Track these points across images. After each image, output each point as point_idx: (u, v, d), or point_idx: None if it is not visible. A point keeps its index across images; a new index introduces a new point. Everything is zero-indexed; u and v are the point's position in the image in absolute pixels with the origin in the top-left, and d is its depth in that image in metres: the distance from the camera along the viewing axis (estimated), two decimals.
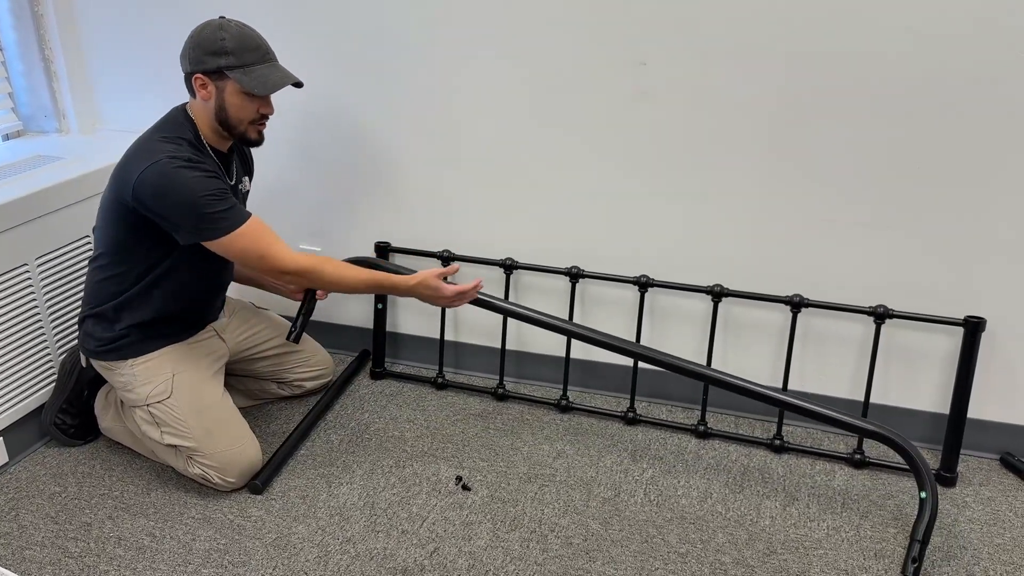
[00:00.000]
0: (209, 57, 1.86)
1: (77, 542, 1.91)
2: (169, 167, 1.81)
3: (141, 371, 2.03)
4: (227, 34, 1.86)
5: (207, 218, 1.83)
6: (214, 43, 1.86)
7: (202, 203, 1.82)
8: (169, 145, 1.86)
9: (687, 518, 2.00)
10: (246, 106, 1.92)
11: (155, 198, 1.83)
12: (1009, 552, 1.90)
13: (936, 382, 2.19)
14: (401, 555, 1.88)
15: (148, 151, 1.86)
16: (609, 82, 2.13)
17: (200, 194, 1.82)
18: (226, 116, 1.92)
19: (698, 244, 2.23)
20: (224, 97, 1.90)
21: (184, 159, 1.84)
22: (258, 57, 1.90)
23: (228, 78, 1.88)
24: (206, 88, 1.89)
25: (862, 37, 1.93)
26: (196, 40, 1.88)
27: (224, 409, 2.10)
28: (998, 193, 1.98)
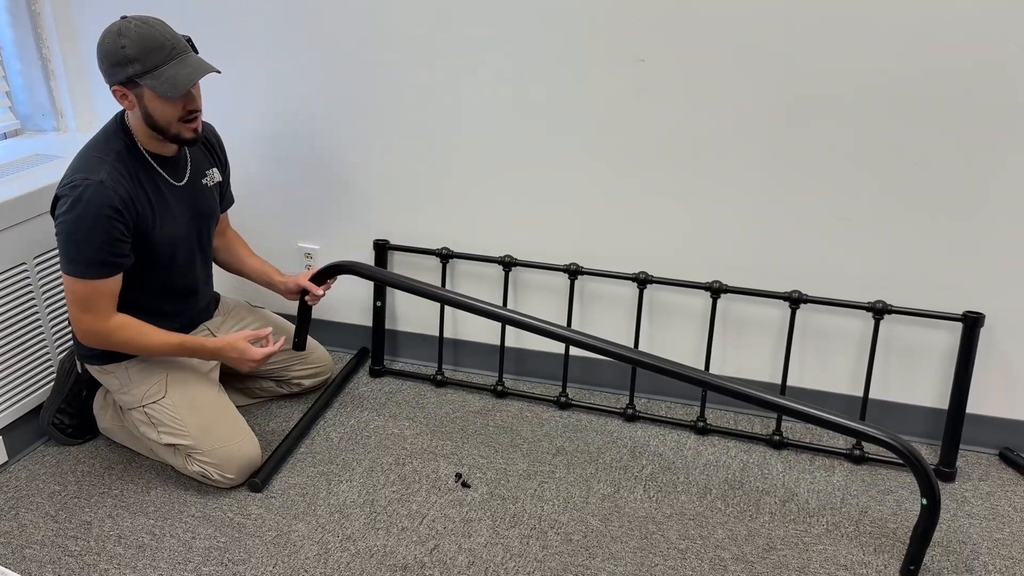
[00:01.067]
0: (116, 68, 1.78)
1: (77, 540, 1.91)
2: (80, 192, 1.79)
3: (135, 373, 2.04)
4: (127, 40, 1.75)
5: (66, 256, 1.83)
6: (116, 53, 1.76)
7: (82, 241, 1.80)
8: (92, 160, 1.83)
9: (686, 514, 2.00)
10: (168, 108, 1.83)
11: (60, 214, 1.82)
12: (1008, 547, 1.90)
13: (935, 377, 2.20)
14: (401, 552, 1.88)
15: (76, 165, 1.85)
16: (608, 79, 2.13)
17: (87, 234, 1.80)
18: (154, 121, 1.85)
19: (697, 241, 2.23)
20: (145, 104, 1.82)
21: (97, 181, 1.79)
22: (164, 57, 1.78)
23: (141, 85, 1.79)
24: (126, 98, 1.82)
25: (861, 35, 1.93)
26: (101, 51, 1.80)
27: (220, 406, 2.10)
28: (996, 188, 1.98)
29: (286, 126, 2.42)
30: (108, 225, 1.81)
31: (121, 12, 2.41)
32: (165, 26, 1.82)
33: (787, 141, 2.07)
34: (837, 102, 2.00)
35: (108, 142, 1.88)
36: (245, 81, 2.39)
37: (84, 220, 1.79)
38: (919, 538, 1.77)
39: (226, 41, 2.36)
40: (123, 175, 1.85)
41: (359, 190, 2.45)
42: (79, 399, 2.22)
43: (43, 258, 2.16)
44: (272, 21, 2.31)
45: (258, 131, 2.44)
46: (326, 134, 2.42)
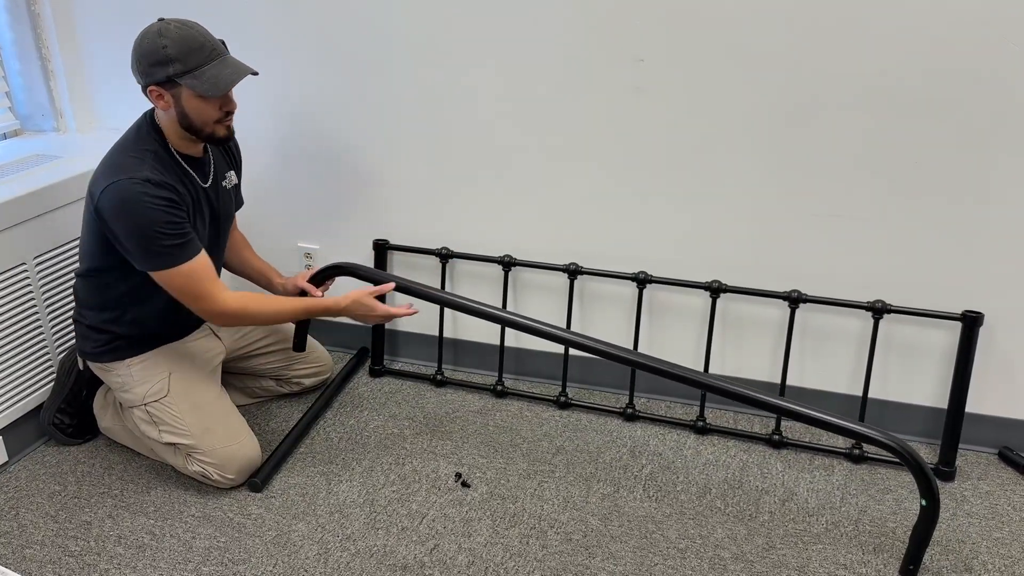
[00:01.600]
0: (156, 68, 1.79)
1: (77, 541, 1.92)
2: (128, 190, 1.78)
3: (137, 371, 2.04)
4: (168, 40, 1.77)
5: (153, 250, 1.82)
6: (156, 52, 1.78)
7: (152, 233, 1.80)
8: (132, 161, 1.83)
9: (686, 514, 2.00)
10: (206, 108, 1.85)
11: (112, 219, 1.81)
12: (1007, 546, 1.91)
13: (934, 377, 2.20)
14: (401, 552, 1.88)
15: (111, 167, 1.83)
16: (607, 78, 2.13)
17: (152, 224, 1.79)
18: (190, 122, 1.87)
19: (696, 240, 2.23)
20: (182, 104, 1.84)
21: (142, 179, 1.79)
22: (204, 57, 1.80)
23: (180, 85, 1.81)
24: (162, 98, 1.84)
25: (860, 35, 1.93)
26: (139, 52, 1.80)
27: (221, 406, 2.10)
28: (996, 188, 1.98)
29: (287, 126, 2.42)
30: (167, 212, 1.81)
31: (121, 13, 2.44)
32: (203, 28, 1.84)
33: (786, 141, 2.07)
34: (837, 102, 2.00)
35: (141, 142, 1.88)
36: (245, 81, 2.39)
37: (144, 215, 1.79)
38: (918, 539, 1.78)
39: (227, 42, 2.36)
40: (162, 174, 1.85)
41: (359, 190, 2.45)
42: (79, 399, 2.22)
43: (43, 258, 2.16)
44: (273, 22, 2.31)
45: (259, 131, 2.44)
46: (327, 135, 2.42)
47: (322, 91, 2.36)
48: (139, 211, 1.78)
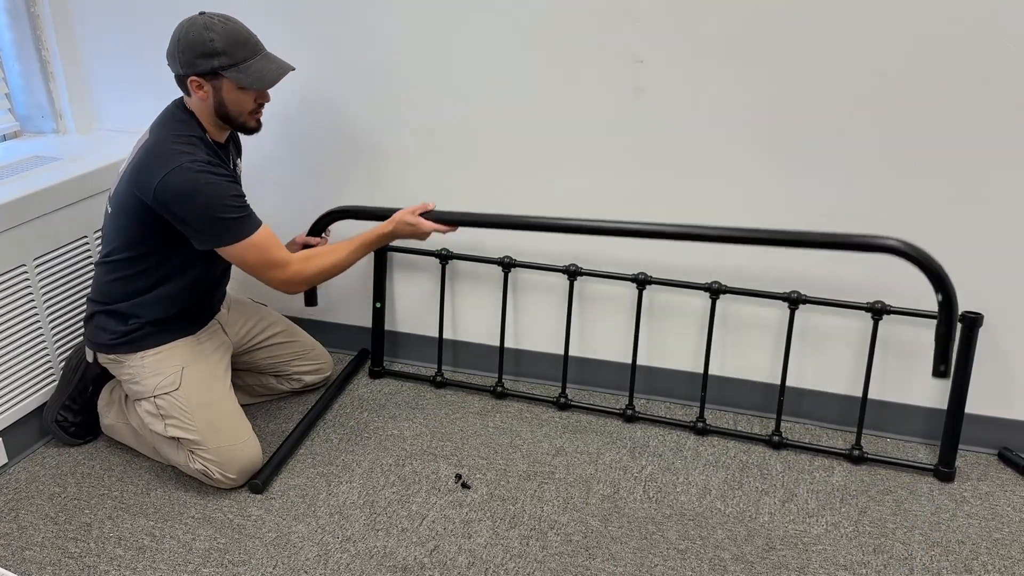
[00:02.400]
0: (201, 60, 1.86)
1: (77, 542, 1.92)
2: (191, 172, 1.84)
3: (151, 363, 2.05)
4: (215, 34, 1.85)
5: (223, 224, 1.89)
6: (203, 44, 1.85)
7: (220, 209, 1.87)
8: (186, 147, 1.89)
9: (686, 515, 2.00)
10: (244, 99, 1.94)
11: (177, 202, 1.86)
12: (1007, 547, 1.91)
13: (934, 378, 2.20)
14: (401, 553, 1.88)
15: (166, 154, 1.87)
16: (607, 79, 2.13)
17: (220, 200, 1.87)
18: (226, 111, 1.94)
19: (696, 242, 2.23)
20: (222, 95, 1.91)
21: (203, 162, 1.87)
22: (249, 51, 1.90)
23: (223, 77, 1.88)
24: (202, 88, 1.90)
25: (857, 35, 1.93)
26: (184, 43, 1.86)
27: (229, 405, 2.11)
28: (995, 189, 1.98)
29: (279, 127, 2.42)
30: (231, 186, 1.91)
31: (120, 13, 2.44)
32: (244, 24, 1.92)
33: (785, 142, 2.07)
34: (836, 103, 2.00)
35: (188, 128, 1.94)
36: None
37: (212, 193, 1.86)
38: (943, 335, 1.81)
39: None
40: (211, 157, 1.93)
41: (357, 190, 2.45)
42: (85, 395, 2.22)
43: (43, 260, 2.16)
44: (264, 18, 2.30)
45: None
46: (322, 136, 2.42)
47: (316, 93, 2.36)
48: (207, 190, 1.85)
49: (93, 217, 2.28)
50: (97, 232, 2.31)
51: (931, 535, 1.93)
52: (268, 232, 1.96)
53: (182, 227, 1.90)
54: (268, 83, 1.92)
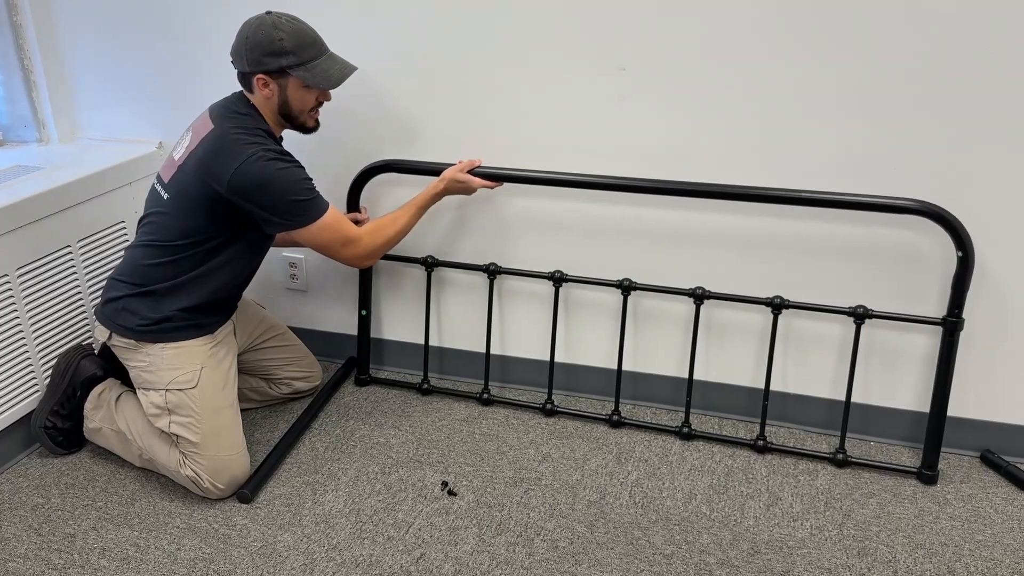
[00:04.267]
0: (270, 58, 1.92)
1: (61, 553, 1.90)
2: (264, 161, 1.91)
3: (171, 355, 2.05)
4: (284, 33, 1.91)
5: (300, 207, 1.96)
6: (272, 44, 1.91)
7: (297, 192, 1.95)
8: (256, 138, 1.95)
9: (672, 519, 2.01)
10: (307, 97, 2.01)
11: (255, 190, 1.92)
12: (990, 548, 1.92)
13: (916, 381, 2.22)
14: (387, 562, 1.88)
15: (238, 145, 1.93)
16: (590, 87, 2.14)
17: (295, 184, 1.95)
18: (289, 109, 2.01)
19: (680, 248, 2.25)
20: (286, 92, 1.98)
21: (275, 152, 1.95)
22: (316, 52, 1.97)
23: (290, 75, 1.95)
24: (268, 86, 1.96)
25: (841, 38, 1.95)
26: (253, 41, 1.92)
27: (235, 416, 2.12)
28: (976, 193, 2.00)
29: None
30: (300, 169, 2.00)
31: (103, 23, 2.44)
32: (313, 28, 1.99)
33: (768, 148, 2.09)
34: (817, 108, 2.02)
35: (253, 122, 1.99)
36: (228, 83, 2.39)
37: (287, 177, 1.94)
38: (958, 286, 2.00)
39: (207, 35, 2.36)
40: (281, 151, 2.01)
41: (343, 199, 2.45)
42: (73, 399, 2.21)
43: (25, 270, 2.15)
44: None
45: None
46: (314, 143, 2.41)
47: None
48: (282, 174, 1.93)
49: (77, 226, 2.28)
50: (82, 241, 2.30)
51: (914, 537, 1.95)
52: (336, 211, 2.04)
53: (259, 212, 1.96)
54: (334, 83, 1.99)
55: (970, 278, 2.01)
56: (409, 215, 2.18)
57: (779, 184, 2.08)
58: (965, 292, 2.02)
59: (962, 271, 2.00)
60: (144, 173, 2.47)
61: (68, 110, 2.58)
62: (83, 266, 2.32)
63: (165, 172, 2.05)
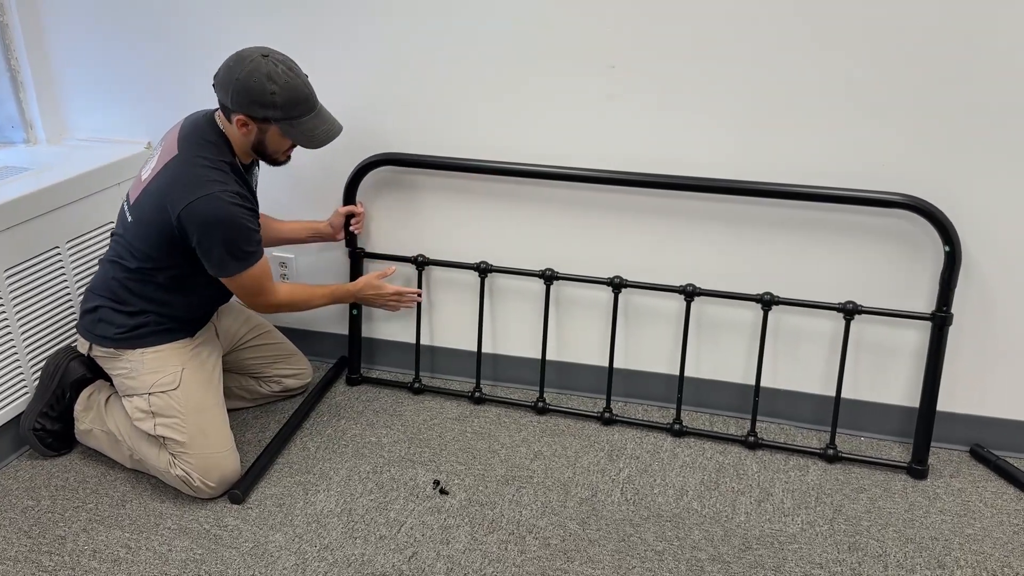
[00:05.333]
0: (256, 107, 1.88)
1: (51, 556, 1.90)
2: (220, 203, 1.88)
3: (151, 359, 2.05)
4: (276, 87, 1.86)
5: (237, 257, 1.94)
6: (263, 95, 1.86)
7: (241, 243, 1.93)
8: (216, 173, 1.91)
9: (663, 516, 2.01)
10: (284, 143, 1.99)
11: (200, 229, 1.89)
12: (980, 542, 1.93)
13: (906, 376, 2.23)
14: (379, 561, 1.88)
15: (197, 180, 1.89)
16: (579, 85, 2.14)
17: (242, 236, 1.92)
18: (263, 149, 1.99)
19: (670, 245, 2.25)
20: (265, 136, 1.95)
21: (233, 193, 1.91)
22: (305, 109, 1.93)
23: (272, 124, 1.92)
24: (247, 126, 1.92)
25: (837, 31, 1.96)
26: (243, 85, 1.86)
27: (220, 413, 2.12)
28: (962, 188, 2.01)
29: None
30: (252, 222, 1.96)
31: (91, 23, 2.43)
32: (303, 74, 1.94)
33: (756, 144, 2.09)
34: (804, 105, 2.03)
35: (218, 152, 1.96)
36: None
37: (234, 227, 1.91)
38: (945, 281, 2.02)
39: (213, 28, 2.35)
40: (240, 186, 1.97)
41: (334, 199, 2.44)
42: (63, 402, 2.20)
43: (13, 271, 2.14)
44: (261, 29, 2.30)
45: None
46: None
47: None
48: (233, 223, 1.90)
49: (65, 227, 2.27)
50: (70, 242, 2.29)
51: (905, 532, 1.96)
52: (266, 264, 2.03)
53: (198, 251, 1.93)
54: (315, 145, 1.98)
55: (958, 273, 2.02)
56: (324, 297, 2.24)
57: (768, 180, 2.09)
58: (953, 287, 2.03)
59: (949, 266, 2.01)
60: (132, 174, 2.45)
61: (56, 111, 2.57)
62: (72, 267, 2.31)
63: (133, 192, 2.03)
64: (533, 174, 2.23)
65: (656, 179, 2.14)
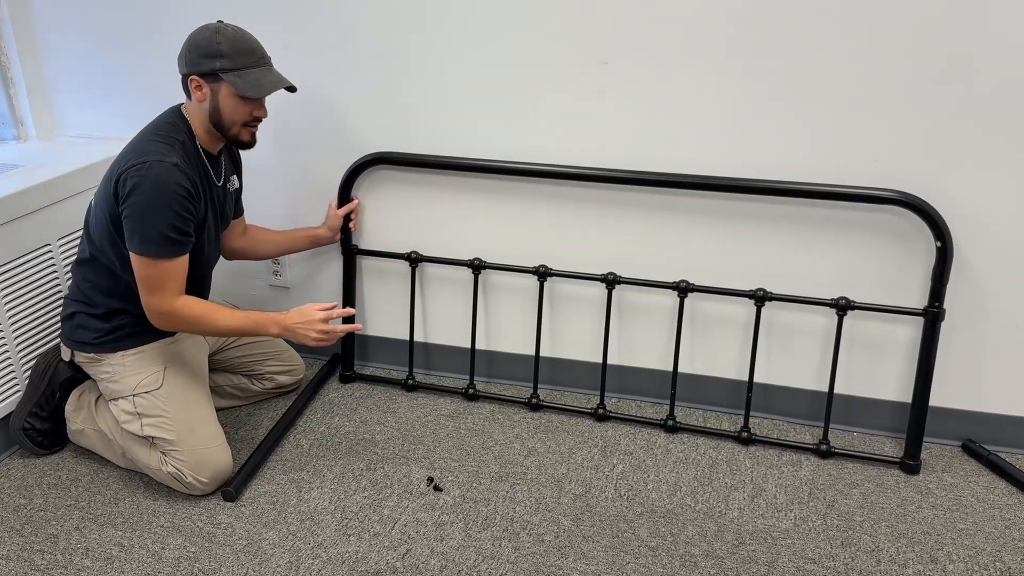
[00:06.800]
0: (204, 59, 1.89)
1: (44, 554, 1.89)
2: (157, 170, 1.84)
3: (132, 362, 2.04)
4: (223, 37, 1.89)
5: (151, 235, 1.86)
6: (210, 46, 1.88)
7: (160, 220, 1.85)
8: (162, 146, 1.89)
9: (657, 512, 2.02)
10: (239, 108, 1.94)
11: (130, 194, 1.85)
12: (971, 537, 1.94)
13: (898, 372, 2.23)
14: (373, 558, 1.88)
15: (140, 150, 1.89)
16: (571, 81, 2.14)
17: (166, 209, 1.85)
18: (220, 118, 1.95)
19: (663, 241, 2.25)
20: (218, 99, 1.93)
21: (172, 163, 1.85)
22: (252, 61, 1.93)
23: (223, 80, 1.90)
24: (201, 90, 1.92)
25: (829, 26, 1.96)
26: (193, 42, 1.91)
27: (207, 409, 2.11)
28: (954, 183, 2.02)
29: (261, 136, 2.40)
30: (180, 203, 1.87)
31: (81, 20, 2.42)
32: (256, 39, 1.96)
33: (750, 143, 2.09)
34: (799, 100, 2.03)
35: (173, 130, 1.94)
36: None
37: (158, 198, 1.84)
38: (937, 277, 2.03)
39: None
40: (188, 163, 1.92)
41: (326, 194, 2.44)
42: (52, 402, 2.19)
43: (3, 269, 2.13)
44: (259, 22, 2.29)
45: None
46: (296, 142, 2.41)
47: (285, 100, 2.34)
48: (160, 192, 1.84)
49: (56, 224, 2.26)
50: (61, 239, 2.28)
51: (897, 527, 1.96)
52: (182, 266, 1.92)
53: (124, 221, 1.87)
54: (263, 92, 1.93)
55: (950, 268, 2.02)
56: (235, 324, 1.99)
57: (760, 177, 2.09)
58: (945, 282, 2.04)
59: (941, 261, 2.02)
60: None
61: (47, 107, 2.56)
62: (63, 265, 2.30)
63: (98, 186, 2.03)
64: (526, 171, 2.23)
65: (649, 176, 2.15)
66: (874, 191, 2.01)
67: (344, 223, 2.39)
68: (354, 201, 2.39)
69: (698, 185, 2.12)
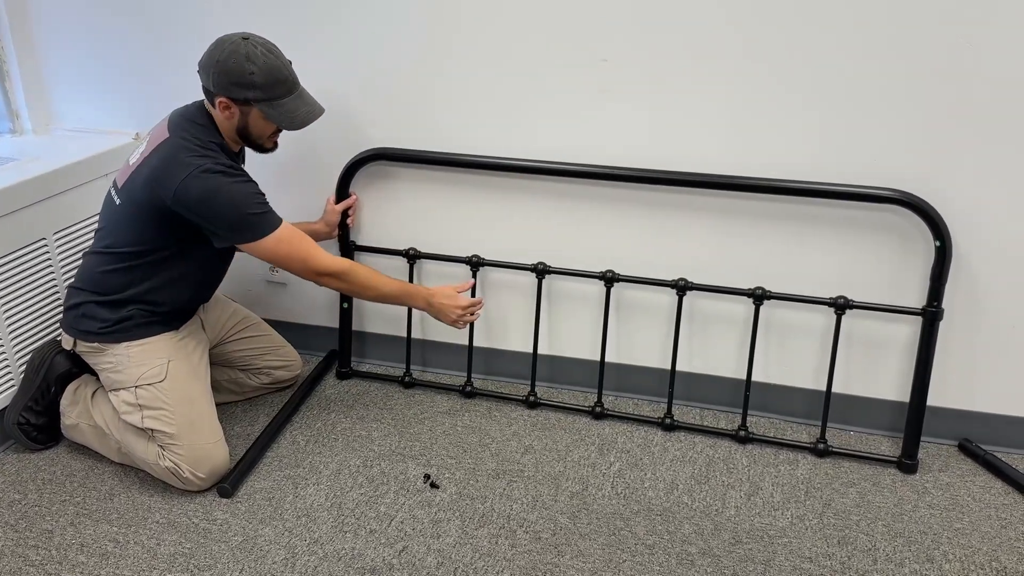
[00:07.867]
0: (236, 88, 1.89)
1: (38, 550, 1.88)
2: (210, 174, 1.88)
3: (136, 353, 2.04)
4: (256, 67, 1.88)
5: (247, 221, 1.92)
6: (242, 76, 1.88)
7: (244, 207, 1.92)
8: (208, 151, 1.92)
9: (654, 510, 2.01)
10: (268, 127, 1.99)
11: (200, 204, 1.88)
12: (968, 536, 1.94)
13: (896, 371, 2.23)
14: (369, 555, 1.87)
15: (186, 158, 1.89)
16: (571, 79, 2.13)
17: (244, 199, 1.92)
18: (248, 134, 1.99)
19: (662, 239, 2.25)
20: (247, 119, 1.96)
21: (223, 164, 1.91)
22: (285, 90, 1.94)
23: (254, 106, 1.92)
24: (229, 109, 1.93)
25: (827, 25, 1.95)
26: (224, 67, 1.88)
27: (208, 403, 2.11)
28: (951, 182, 2.01)
29: None
30: (250, 184, 1.96)
31: (77, 14, 2.40)
32: (284, 57, 1.96)
33: (749, 141, 2.09)
34: (798, 98, 2.02)
35: (208, 134, 1.96)
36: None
37: (234, 192, 1.91)
38: (936, 277, 2.03)
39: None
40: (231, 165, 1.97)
41: (324, 190, 2.43)
42: (48, 395, 2.18)
43: (0, 263, 2.12)
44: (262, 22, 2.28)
45: None
46: (294, 137, 2.39)
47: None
48: (228, 189, 1.90)
49: (51, 219, 2.25)
50: (57, 233, 2.27)
51: (894, 526, 1.97)
52: (292, 228, 2.00)
53: (205, 226, 1.93)
54: (296, 126, 1.97)
55: (948, 268, 2.02)
56: (395, 291, 2.14)
57: (759, 175, 2.09)
58: (944, 282, 2.04)
59: (940, 261, 2.01)
60: (120, 165, 2.42)
61: (42, 101, 2.55)
62: (59, 259, 2.29)
63: (120, 177, 2.03)
64: (525, 168, 2.23)
65: (648, 174, 2.15)
66: (873, 190, 2.01)
67: (342, 219, 2.38)
68: (352, 197, 2.38)
69: (697, 183, 2.12)
